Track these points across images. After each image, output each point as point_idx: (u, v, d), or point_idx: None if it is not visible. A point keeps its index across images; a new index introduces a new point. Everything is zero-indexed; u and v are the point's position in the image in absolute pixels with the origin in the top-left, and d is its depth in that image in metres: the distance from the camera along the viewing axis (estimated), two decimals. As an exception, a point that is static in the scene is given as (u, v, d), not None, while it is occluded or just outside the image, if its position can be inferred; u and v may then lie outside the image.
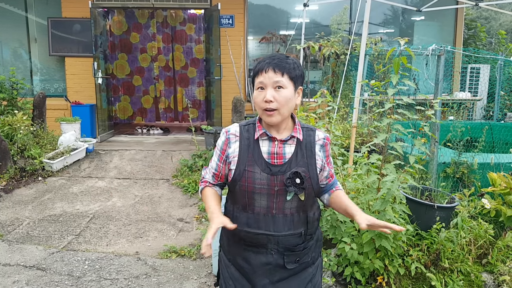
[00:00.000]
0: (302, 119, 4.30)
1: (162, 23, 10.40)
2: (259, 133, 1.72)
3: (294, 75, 1.68)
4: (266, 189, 1.68)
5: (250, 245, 1.74)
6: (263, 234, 1.70)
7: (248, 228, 1.72)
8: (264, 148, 1.72)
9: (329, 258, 3.21)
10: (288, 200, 1.69)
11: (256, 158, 1.70)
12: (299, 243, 1.74)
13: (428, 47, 4.36)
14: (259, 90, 1.69)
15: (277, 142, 1.72)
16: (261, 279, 1.74)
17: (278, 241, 1.71)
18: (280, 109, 1.66)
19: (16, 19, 9.12)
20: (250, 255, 1.75)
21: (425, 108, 3.05)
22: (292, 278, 1.76)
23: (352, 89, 7.56)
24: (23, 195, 5.59)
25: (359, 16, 6.80)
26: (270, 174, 1.68)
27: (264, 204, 1.69)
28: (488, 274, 3.10)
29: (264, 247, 1.72)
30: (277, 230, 1.70)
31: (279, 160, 1.70)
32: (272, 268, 1.73)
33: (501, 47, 11.79)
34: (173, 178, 6.31)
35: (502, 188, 3.55)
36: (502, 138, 5.74)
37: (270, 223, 1.70)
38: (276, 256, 1.72)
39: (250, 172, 1.69)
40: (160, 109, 10.94)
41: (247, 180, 1.69)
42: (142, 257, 4.08)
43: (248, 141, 1.73)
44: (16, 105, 7.15)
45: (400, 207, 2.91)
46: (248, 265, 1.75)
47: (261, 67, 1.68)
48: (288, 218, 1.71)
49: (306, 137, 1.75)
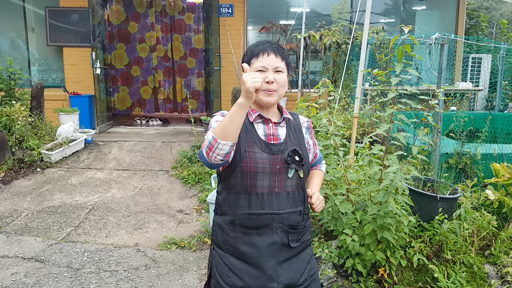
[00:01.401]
0: (303, 109, 4.25)
1: (161, 13, 10.29)
2: (254, 116, 1.79)
3: (288, 62, 1.83)
4: (269, 168, 1.71)
5: (253, 227, 1.74)
6: (267, 213, 1.73)
7: (251, 210, 1.73)
8: (260, 131, 1.78)
9: (330, 250, 3.18)
10: (289, 178, 1.75)
11: (255, 139, 1.74)
12: (300, 221, 1.81)
13: (431, 35, 4.29)
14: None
15: (271, 124, 1.80)
16: (269, 260, 1.74)
17: (283, 219, 1.75)
18: (279, 91, 1.77)
19: (14, 9, 9.01)
20: (255, 238, 1.74)
21: (428, 97, 3.00)
22: (294, 259, 1.80)
23: (353, 79, 7.49)
24: (22, 187, 5.55)
25: (361, 5, 6.70)
26: (270, 153, 1.73)
27: (267, 183, 1.72)
28: (491, 265, 3.07)
29: (268, 227, 1.74)
30: (281, 208, 1.74)
31: (275, 141, 1.78)
32: (278, 248, 1.75)
33: (502, 37, 11.69)
34: (173, 170, 6.27)
35: (505, 179, 3.51)
36: (504, 128, 5.69)
37: (274, 201, 1.74)
38: (281, 235, 1.75)
39: (251, 152, 1.71)
40: (159, 100, 10.86)
41: (249, 161, 1.70)
42: (141, 248, 4.06)
43: (244, 124, 1.74)
44: (14, 95, 7.09)
45: (403, 199, 2.87)
46: (253, 249, 1.74)
47: (263, 50, 1.75)
48: (290, 195, 1.77)
49: (294, 121, 1.89)
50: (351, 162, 3.52)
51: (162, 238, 4.28)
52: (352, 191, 3.17)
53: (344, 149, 3.25)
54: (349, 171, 3.25)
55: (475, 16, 12.65)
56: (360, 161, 3.34)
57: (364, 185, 3.18)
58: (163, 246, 4.11)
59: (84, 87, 8.63)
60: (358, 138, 4.72)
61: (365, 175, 3.21)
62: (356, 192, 3.20)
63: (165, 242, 4.18)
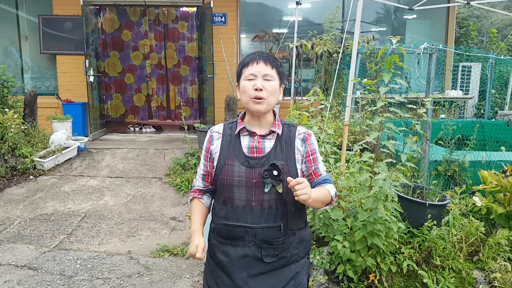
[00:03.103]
0: (295, 117, 4.30)
1: (154, 21, 10.35)
2: (239, 128, 1.81)
3: (281, 71, 1.81)
4: (245, 182, 1.73)
5: (228, 238, 1.79)
6: (240, 226, 1.75)
7: (227, 221, 1.78)
8: (244, 143, 1.79)
9: (322, 256, 3.22)
10: (266, 192, 1.73)
11: (236, 152, 1.78)
12: (278, 236, 1.76)
13: (420, 45, 4.37)
14: (248, 80, 1.76)
15: (257, 137, 1.79)
16: (240, 272, 1.76)
17: (256, 233, 1.74)
18: (268, 99, 1.75)
19: (7, 17, 9.02)
20: (229, 249, 1.79)
21: (417, 106, 3.07)
22: (273, 273, 1.77)
23: (344, 87, 7.57)
24: (14, 194, 5.54)
25: (352, 14, 6.80)
26: (248, 167, 1.74)
27: (244, 197, 1.74)
28: (479, 271, 3.13)
29: (241, 239, 1.76)
30: (254, 222, 1.74)
31: (259, 154, 1.77)
32: (250, 261, 1.76)
33: (492, 45, 11.87)
34: (166, 177, 6.28)
35: (493, 186, 3.58)
36: (493, 136, 5.78)
37: (248, 215, 1.74)
38: (253, 249, 1.75)
39: (230, 165, 1.76)
40: (153, 107, 10.89)
41: (226, 173, 1.75)
42: (134, 256, 4.07)
43: (230, 137, 1.82)
44: (6, 103, 7.08)
45: (392, 205, 2.92)
46: (226, 259, 1.79)
47: (252, 59, 1.78)
48: (265, 210, 1.74)
49: (287, 132, 1.82)
50: (342, 169, 3.58)
51: (155, 245, 4.30)
52: (343, 198, 3.22)
53: (335, 157, 3.31)
54: (340, 178, 3.30)
55: (465, 25, 12.84)
56: (351, 168, 3.40)
57: (355, 192, 3.23)
58: (156, 253, 4.12)
59: (77, 95, 8.63)
60: (349, 145, 4.77)
61: (355, 182, 3.26)
62: (347, 199, 3.25)
63: (158, 250, 4.19)
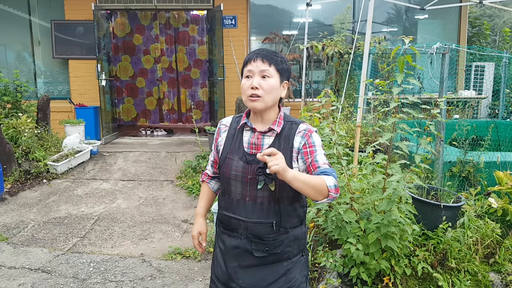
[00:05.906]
0: (306, 119, 4.28)
1: (165, 25, 10.41)
2: (241, 123, 1.84)
3: (281, 67, 1.78)
4: (241, 177, 1.78)
5: (226, 228, 1.88)
6: (235, 218, 1.82)
7: (226, 212, 1.87)
8: (245, 138, 1.84)
9: (335, 259, 3.19)
10: (259, 189, 1.76)
11: (237, 146, 1.82)
12: (269, 233, 1.79)
13: (432, 45, 4.32)
14: (247, 78, 1.77)
15: (256, 133, 1.82)
16: (231, 262, 1.85)
17: (247, 227, 1.80)
18: (264, 97, 1.73)
19: (20, 22, 9.15)
20: (226, 238, 1.88)
21: (430, 106, 3.03)
22: (264, 268, 1.82)
23: (356, 88, 7.53)
24: (28, 198, 5.60)
25: (363, 15, 6.77)
26: (245, 162, 1.78)
27: (239, 191, 1.80)
28: (496, 273, 3.07)
29: (235, 231, 1.84)
30: (247, 216, 1.79)
31: (257, 150, 1.79)
32: (241, 252, 1.82)
33: (505, 44, 11.71)
34: (177, 180, 6.30)
35: (508, 186, 3.52)
36: (508, 136, 5.69)
37: (242, 209, 1.80)
38: (244, 241, 1.81)
39: (230, 159, 1.82)
40: (164, 111, 10.94)
41: (226, 167, 1.82)
42: (147, 258, 4.08)
43: (234, 130, 1.87)
44: (20, 108, 7.18)
45: (406, 207, 2.88)
46: (223, 247, 1.90)
47: (250, 57, 1.78)
48: (257, 206, 1.78)
49: (288, 130, 1.80)
50: (355, 171, 3.54)
51: (167, 248, 4.30)
52: (356, 200, 3.19)
53: (348, 158, 3.27)
54: (353, 180, 3.27)
55: (477, 24, 12.69)
56: (363, 170, 3.36)
57: (368, 194, 3.20)
58: (168, 256, 4.12)
59: (89, 99, 8.71)
60: (361, 147, 4.74)
61: (368, 184, 3.22)
62: (360, 201, 3.21)
63: (170, 252, 4.20)
